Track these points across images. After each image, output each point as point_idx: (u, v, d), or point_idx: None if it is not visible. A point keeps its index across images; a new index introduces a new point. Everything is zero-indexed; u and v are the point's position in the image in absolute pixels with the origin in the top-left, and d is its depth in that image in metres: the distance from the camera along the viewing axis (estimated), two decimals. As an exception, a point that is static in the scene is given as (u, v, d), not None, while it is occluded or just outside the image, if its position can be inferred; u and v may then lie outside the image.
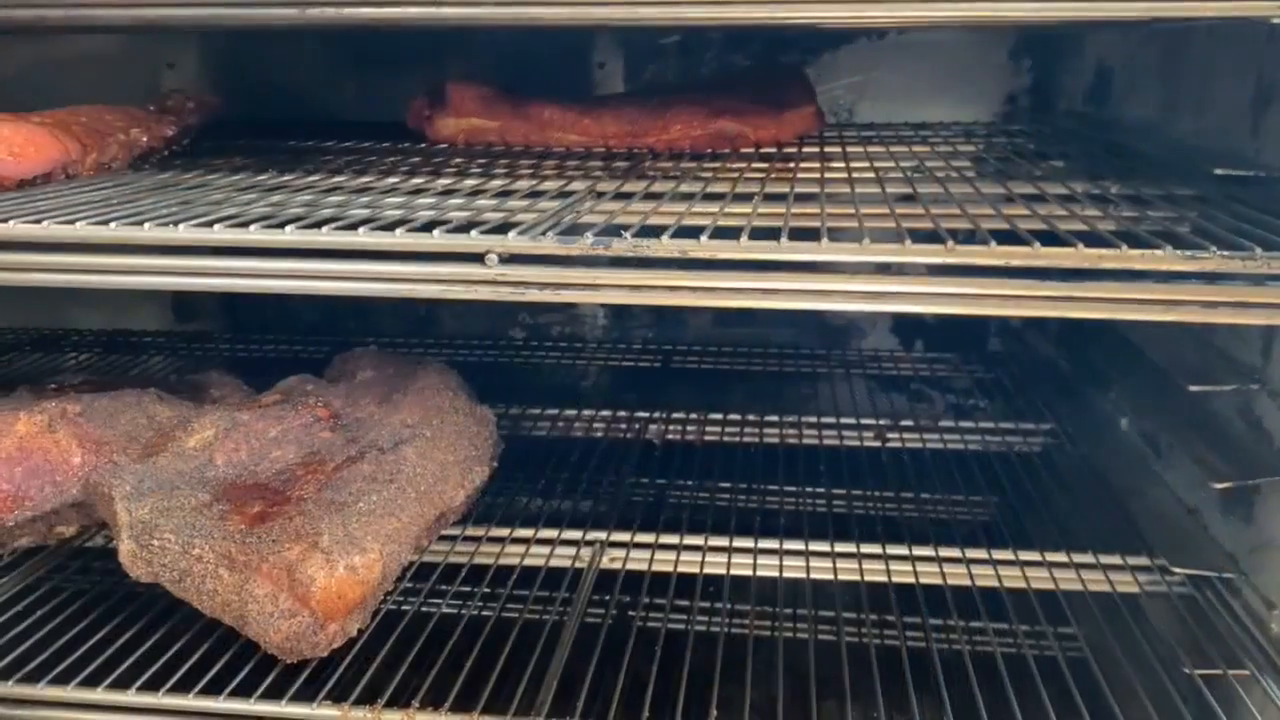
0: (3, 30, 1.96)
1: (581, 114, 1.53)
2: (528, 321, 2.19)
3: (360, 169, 1.35)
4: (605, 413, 1.75)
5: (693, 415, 1.74)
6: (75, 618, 1.18)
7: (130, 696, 1.03)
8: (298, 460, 1.28)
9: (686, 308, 2.09)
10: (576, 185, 1.20)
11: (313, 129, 1.70)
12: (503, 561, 1.30)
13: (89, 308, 2.26)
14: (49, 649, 1.11)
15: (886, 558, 1.29)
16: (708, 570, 1.29)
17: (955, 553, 1.28)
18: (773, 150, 1.49)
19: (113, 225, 0.93)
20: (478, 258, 0.89)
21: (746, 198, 1.10)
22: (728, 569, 1.29)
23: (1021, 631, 1.15)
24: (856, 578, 1.27)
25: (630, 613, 1.25)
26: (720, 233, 0.92)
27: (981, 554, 1.27)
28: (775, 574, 1.28)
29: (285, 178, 1.25)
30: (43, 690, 1.05)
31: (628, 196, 1.13)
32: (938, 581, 1.24)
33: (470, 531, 1.35)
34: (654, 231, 0.91)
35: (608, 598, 1.26)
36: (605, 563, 1.31)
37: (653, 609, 1.24)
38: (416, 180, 1.24)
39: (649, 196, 1.13)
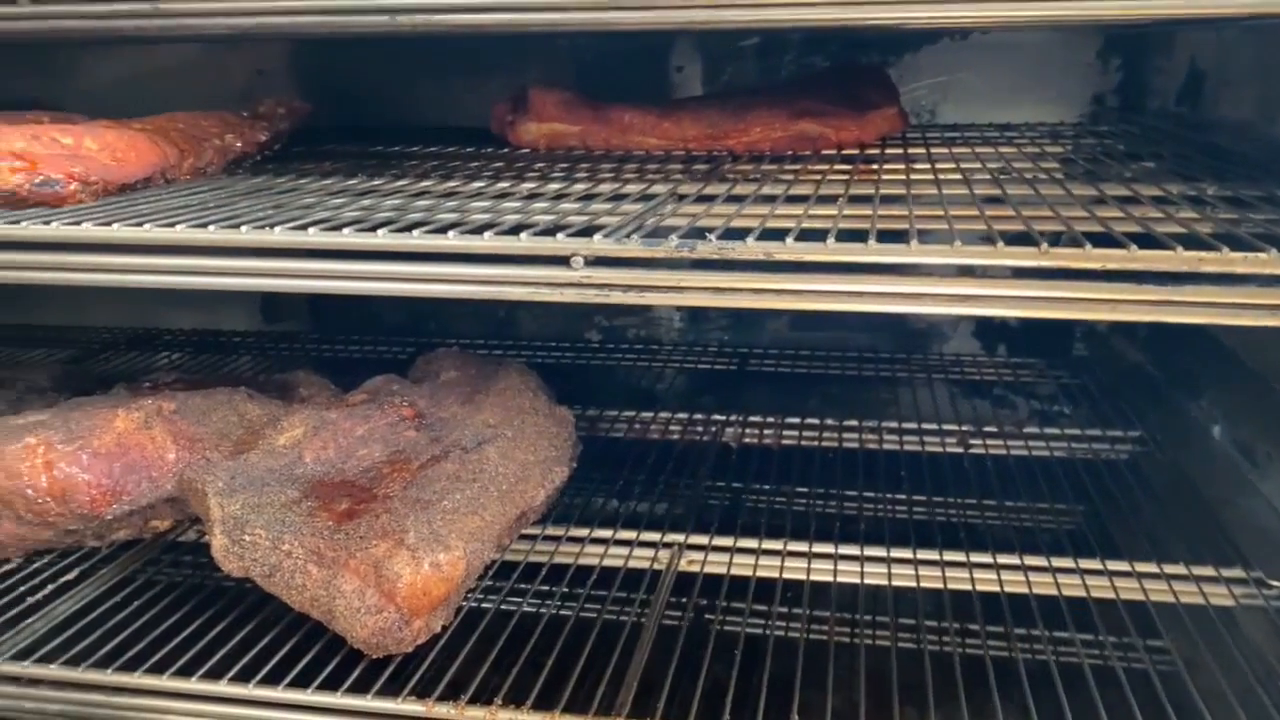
0: (102, 41, 2.04)
1: (661, 117, 1.53)
2: (604, 324, 2.20)
3: (445, 173, 1.37)
4: (682, 415, 1.75)
5: (770, 419, 1.73)
6: (169, 610, 1.22)
7: (222, 687, 1.06)
8: (384, 459, 1.31)
9: (764, 311, 2.09)
10: (658, 188, 1.21)
11: (396, 134, 1.73)
12: (582, 561, 1.31)
13: (181, 308, 2.33)
14: (145, 639, 1.15)
15: (970, 565, 1.27)
16: (787, 575, 1.28)
17: (1041, 561, 1.25)
18: (854, 152, 1.48)
19: (211, 228, 0.96)
20: (563, 260, 0.90)
21: (830, 200, 1.10)
22: (807, 574, 1.28)
23: (1109, 643, 1.12)
24: (939, 585, 1.25)
25: (708, 616, 1.25)
26: (805, 235, 0.91)
27: (1068, 563, 1.25)
28: (856, 580, 1.27)
29: (374, 182, 1.28)
30: (139, 679, 1.08)
31: (710, 199, 1.13)
32: (1023, 590, 1.22)
33: (550, 531, 1.36)
34: (738, 234, 0.91)
35: (685, 600, 1.26)
36: (683, 565, 1.32)
37: (731, 612, 1.24)
38: (501, 184, 1.25)
39: (731, 199, 1.13)
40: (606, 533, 1.36)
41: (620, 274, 0.90)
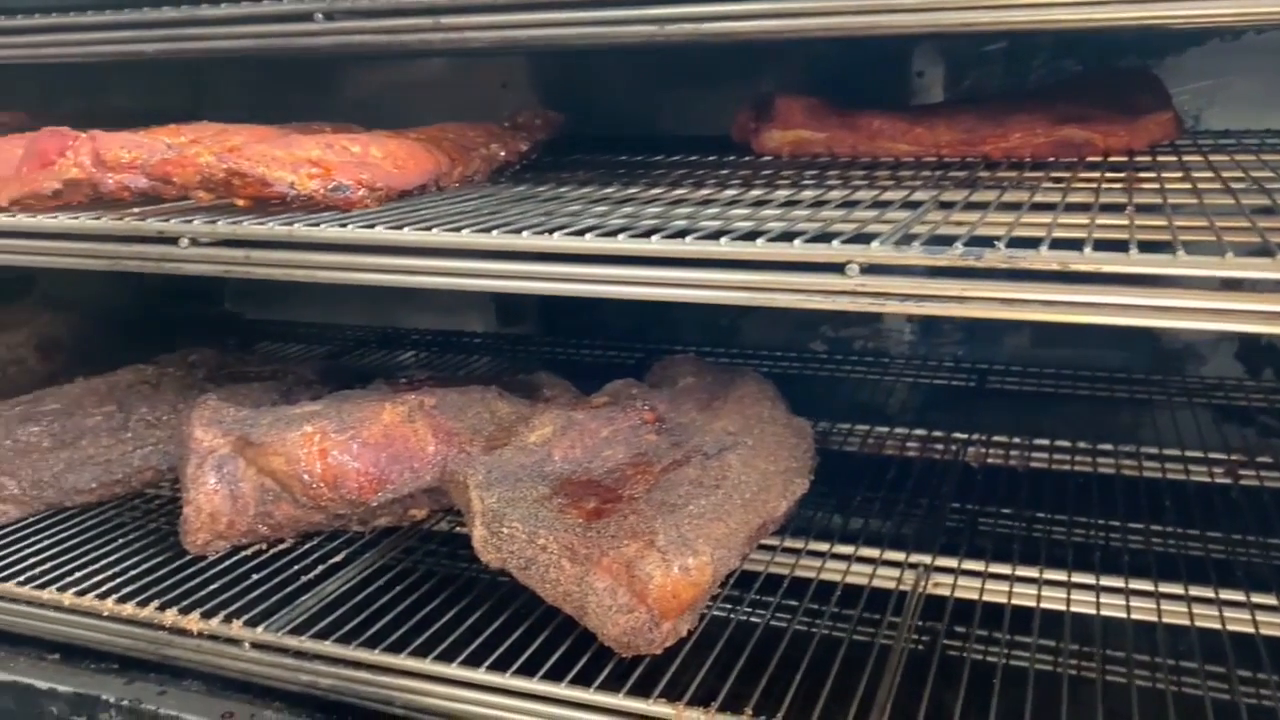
0: (367, 56, 2.17)
1: (913, 123, 1.49)
2: (829, 335, 2.16)
3: (696, 181, 1.37)
4: (919, 431, 1.69)
5: (1016, 439, 1.65)
6: (427, 596, 1.27)
7: (480, 674, 1.10)
8: (627, 460, 1.32)
9: (1006, 325, 1.99)
10: (920, 195, 1.17)
11: (637, 144, 1.75)
12: (823, 577, 1.29)
13: (421, 310, 2.45)
14: (407, 623, 1.20)
15: (1252, 607, 1.17)
16: (1045, 605, 1.21)
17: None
18: (1123, 159, 1.39)
19: (494, 234, 1.00)
20: (837, 268, 0.89)
21: (1117, 208, 1.03)
22: (1067, 604, 1.21)
23: None
24: (1217, 625, 1.15)
25: (960, 643, 1.19)
26: (1098, 245, 0.86)
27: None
28: (1123, 614, 1.19)
29: (629, 190, 1.30)
30: (403, 660, 1.13)
31: (981, 207, 1.08)
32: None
33: (788, 543, 1.34)
34: (1022, 243, 0.86)
35: (935, 624, 1.21)
36: (930, 588, 1.27)
37: (988, 641, 1.17)
38: (755, 191, 1.25)
39: (1004, 207, 1.08)
40: (848, 549, 1.33)
41: (898, 282, 0.87)
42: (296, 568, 1.32)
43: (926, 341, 2.08)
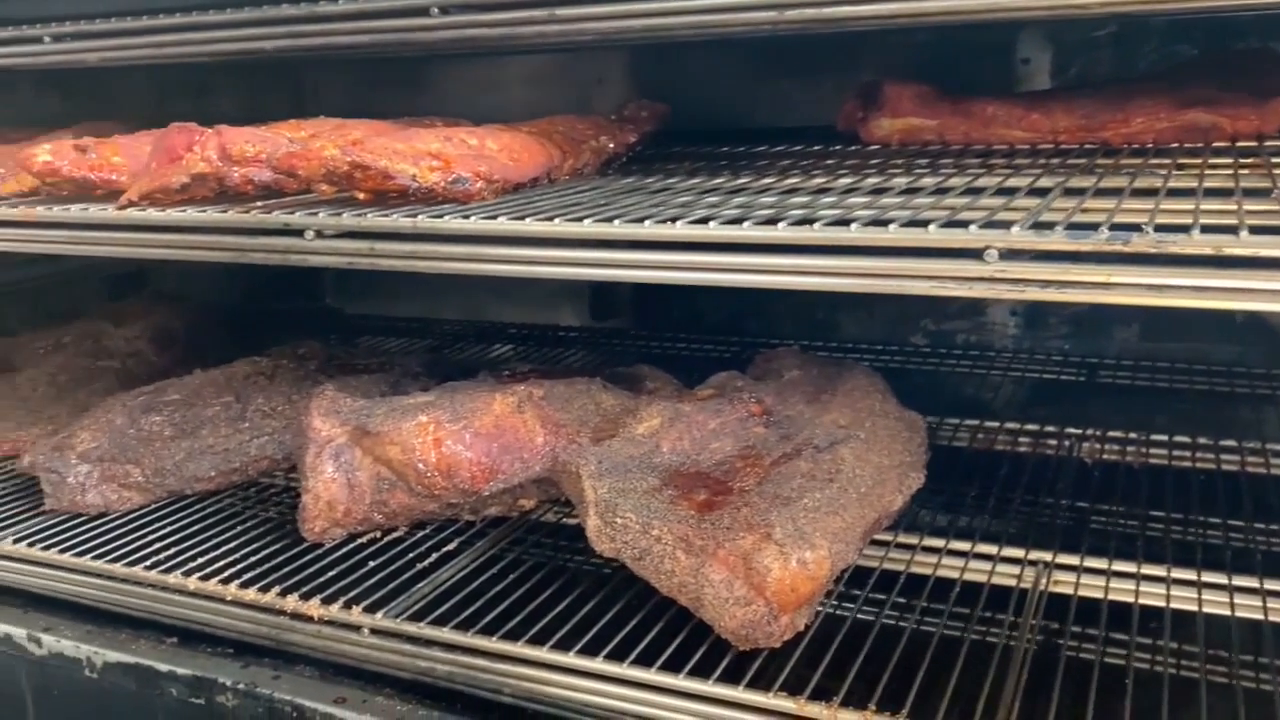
0: (469, 52, 2.20)
1: (1029, 108, 1.45)
2: (930, 328, 2.12)
3: (806, 171, 1.36)
4: (1031, 427, 1.65)
5: (1132, 435, 1.60)
6: (539, 586, 1.28)
7: (597, 664, 1.10)
8: (735, 453, 1.31)
9: (1113, 319, 1.94)
10: (1045, 181, 1.14)
11: (738, 136, 1.74)
12: (940, 573, 1.26)
13: (514, 304, 2.47)
14: (521, 612, 1.21)
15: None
16: (1175, 605, 1.17)
17: None
18: (1252, 144, 1.33)
19: (616, 223, 1.00)
20: (975, 253, 0.86)
21: (1261, 193, 0.99)
22: (1199, 605, 1.16)
23: None
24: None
25: (1087, 644, 1.16)
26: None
27: None
28: (1259, 615, 1.14)
29: (739, 180, 1.29)
30: (520, 648, 1.14)
31: (1113, 193, 1.05)
32: None
33: (902, 539, 1.32)
34: (1164, 229, 0.83)
35: (1059, 624, 1.18)
36: (1051, 586, 1.23)
37: (1116, 643, 1.14)
38: (870, 180, 1.23)
39: (1139, 193, 1.04)
40: (964, 545, 1.30)
41: (1039, 268, 0.85)
42: (411, 555, 1.34)
43: (1031, 335, 2.03)
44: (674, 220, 0.98)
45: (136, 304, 2.00)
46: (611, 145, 1.43)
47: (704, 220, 0.98)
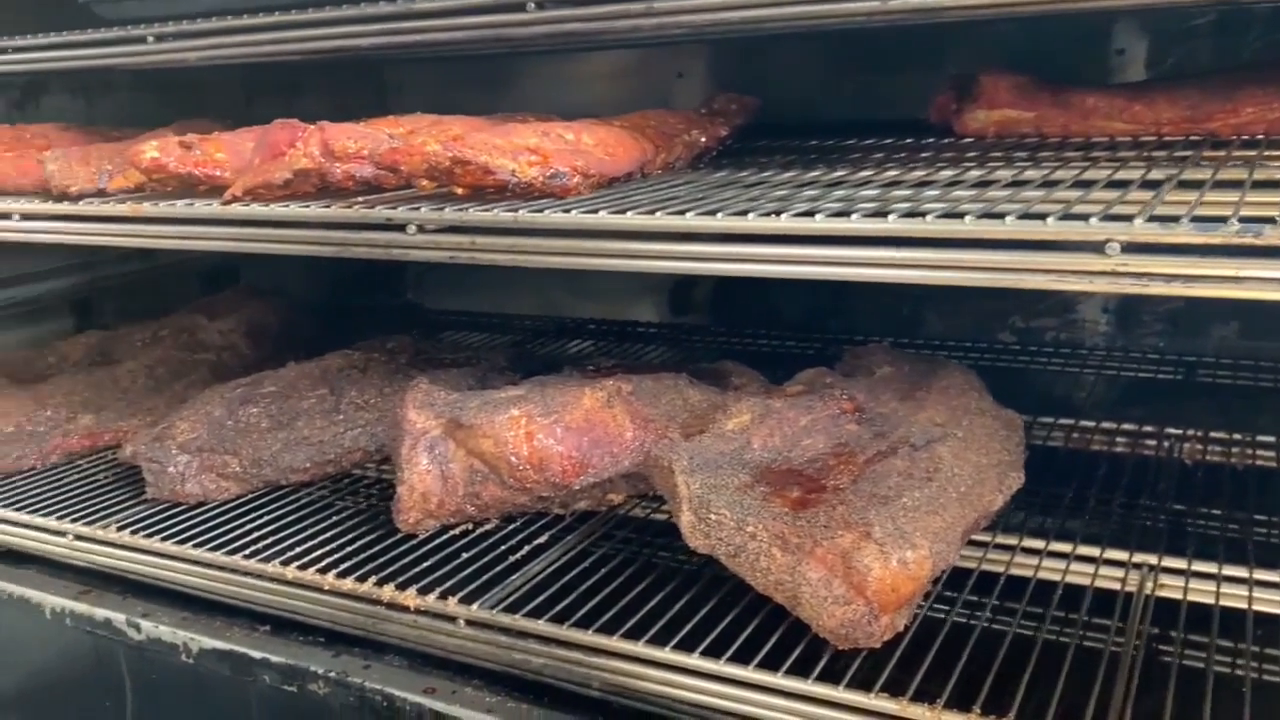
0: (544, 49, 2.20)
1: (1131, 99, 1.41)
2: (1019, 325, 2.08)
3: (903, 163, 1.34)
4: (1128, 427, 1.61)
5: (1236, 436, 1.55)
6: (631, 581, 1.27)
7: (693, 660, 1.09)
8: (828, 450, 1.30)
9: (1213, 316, 1.88)
10: (1155, 174, 1.10)
11: (825, 129, 1.72)
12: (1041, 576, 1.23)
13: (591, 299, 2.48)
14: (614, 606, 1.20)
15: None
16: (1293, 612, 1.13)
17: None
18: (1371, 133, 1.28)
19: (719, 216, 1.00)
20: (1096, 246, 0.84)
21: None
22: (1318, 614, 1.12)
23: None
24: None
25: (1196, 651, 1.12)
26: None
27: None
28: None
29: (836, 173, 1.27)
30: (616, 643, 1.14)
31: (1232, 185, 1.01)
32: None
33: (1000, 539, 1.29)
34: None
35: (1165, 630, 1.14)
36: (1158, 590, 1.20)
37: (1230, 651, 1.10)
38: (973, 172, 1.20)
39: (1261, 185, 1.01)
40: (1065, 546, 1.27)
41: (1163, 261, 0.83)
42: (502, 548, 1.34)
43: (1125, 332, 1.98)
44: (776, 214, 0.97)
45: (229, 298, 2.04)
46: (703, 139, 1.43)
47: (809, 213, 0.97)
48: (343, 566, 1.31)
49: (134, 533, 1.44)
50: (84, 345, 1.86)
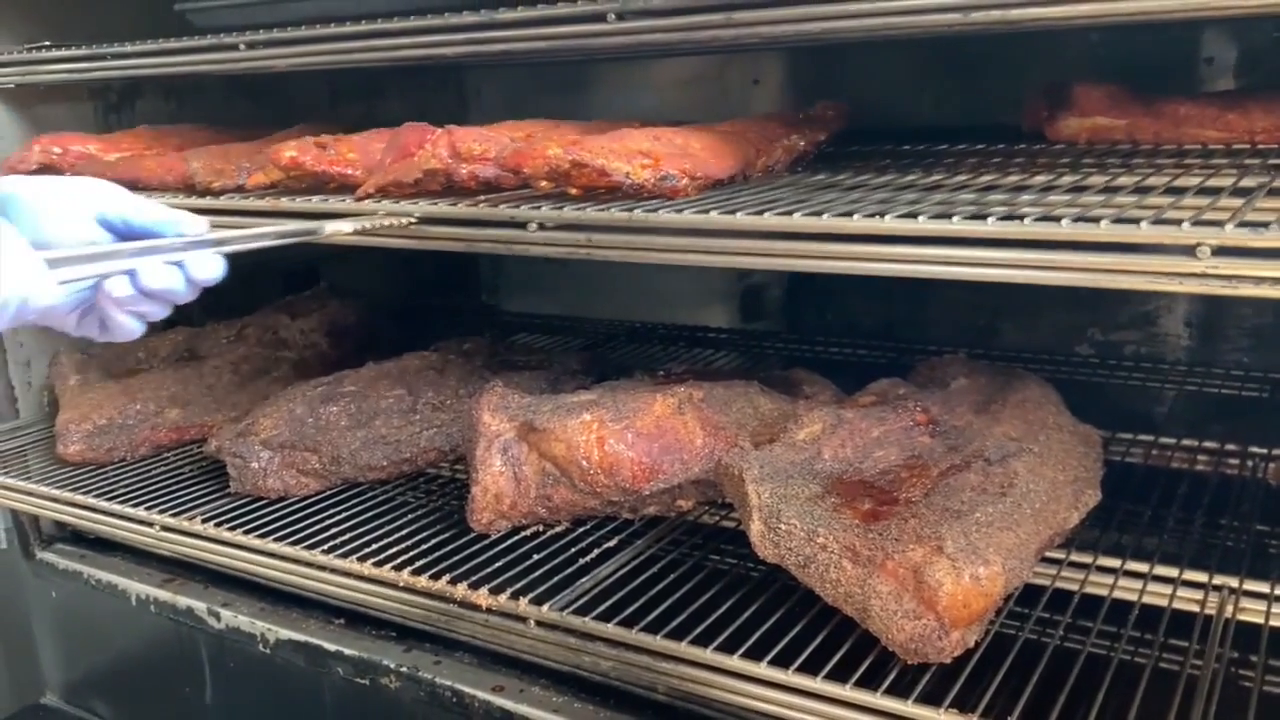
0: (622, 56, 2.22)
1: (1224, 108, 1.39)
2: (1097, 338, 2.04)
3: (998, 168, 1.34)
4: (1210, 444, 1.57)
5: (1328, 458, 1.50)
6: (699, 588, 1.27)
7: (761, 669, 1.10)
8: (900, 462, 1.29)
9: (1304, 332, 1.82)
10: (1247, 182, 1.09)
11: (913, 134, 1.70)
12: (1116, 595, 1.21)
13: (663, 304, 2.48)
14: (683, 612, 1.20)
15: None
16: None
17: None
18: None
19: (825, 217, 1.03)
20: (1186, 250, 0.85)
21: None
22: None
23: None
24: None
25: (1278, 678, 1.09)
26: None
27: None
28: None
29: (932, 177, 1.28)
30: (684, 648, 1.15)
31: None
32: None
33: (1075, 557, 1.27)
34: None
35: (1245, 655, 1.11)
36: (1238, 613, 1.17)
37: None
38: (1067, 177, 1.21)
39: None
40: (1141, 566, 1.24)
41: (1253, 265, 0.83)
42: (572, 550, 1.36)
43: (1207, 347, 1.93)
44: (880, 215, 1.00)
45: (310, 298, 2.09)
46: (803, 144, 1.46)
47: (911, 215, 0.99)
48: (417, 564, 1.34)
49: (217, 525, 1.49)
50: (172, 341, 1.93)
